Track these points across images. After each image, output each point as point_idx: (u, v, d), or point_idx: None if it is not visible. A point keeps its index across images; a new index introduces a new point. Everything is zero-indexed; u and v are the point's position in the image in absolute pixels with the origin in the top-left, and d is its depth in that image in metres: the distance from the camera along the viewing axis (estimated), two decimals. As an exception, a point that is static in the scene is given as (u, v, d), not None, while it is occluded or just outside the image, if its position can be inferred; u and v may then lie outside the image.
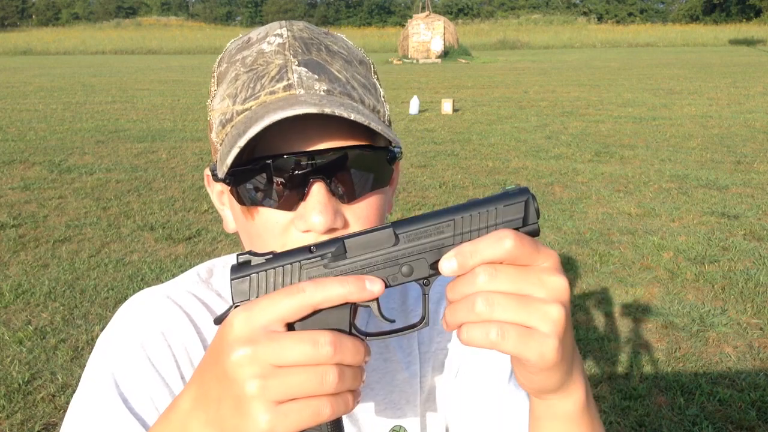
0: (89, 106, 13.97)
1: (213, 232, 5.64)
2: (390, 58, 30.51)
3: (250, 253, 0.61)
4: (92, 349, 0.86)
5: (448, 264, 0.58)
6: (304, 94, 0.73)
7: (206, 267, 0.94)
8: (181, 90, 17.41)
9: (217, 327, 0.86)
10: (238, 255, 0.61)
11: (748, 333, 3.79)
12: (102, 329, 0.86)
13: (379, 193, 0.80)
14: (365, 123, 0.71)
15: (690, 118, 11.44)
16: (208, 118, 0.82)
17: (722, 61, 26.03)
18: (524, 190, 0.62)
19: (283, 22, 0.82)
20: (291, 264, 0.60)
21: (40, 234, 5.63)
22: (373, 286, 0.58)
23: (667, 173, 7.55)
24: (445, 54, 30.21)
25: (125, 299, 0.91)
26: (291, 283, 0.59)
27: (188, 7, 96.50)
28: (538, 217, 0.62)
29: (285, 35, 0.78)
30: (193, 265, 0.95)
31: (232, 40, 0.85)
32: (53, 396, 3.20)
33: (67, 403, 3.11)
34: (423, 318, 0.63)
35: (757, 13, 62.75)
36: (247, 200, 0.76)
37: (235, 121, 0.75)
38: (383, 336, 0.64)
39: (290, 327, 0.57)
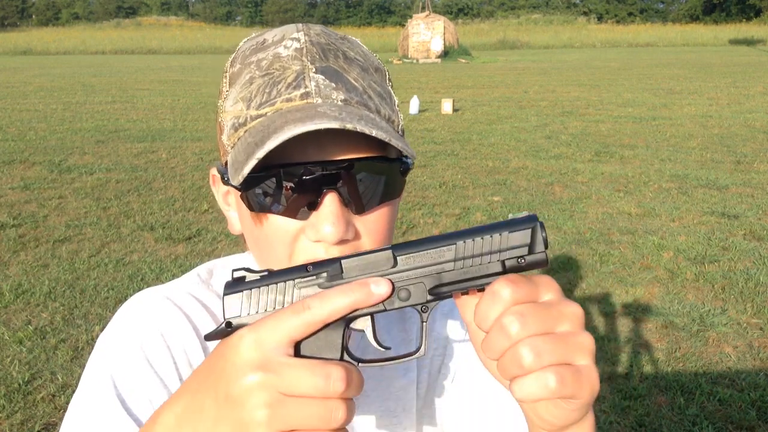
0: (89, 106, 13.97)
1: (213, 232, 5.64)
2: (390, 58, 30.49)
3: (245, 269, 0.60)
4: (92, 349, 0.86)
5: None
6: (321, 104, 0.72)
7: (206, 268, 0.93)
8: (181, 90, 17.41)
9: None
10: (233, 270, 0.60)
11: (748, 333, 3.79)
12: (102, 329, 0.86)
13: (391, 204, 0.79)
14: (386, 139, 0.69)
15: (690, 118, 11.44)
16: (219, 120, 0.81)
17: (722, 61, 26.02)
18: (532, 217, 0.58)
19: (300, 25, 0.81)
20: (285, 282, 0.58)
21: (40, 234, 5.63)
22: (379, 288, 0.55)
23: (667, 173, 7.54)
24: (445, 54, 30.21)
25: (125, 299, 0.91)
26: (284, 302, 0.57)
27: (188, 7, 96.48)
28: (546, 247, 0.58)
29: (302, 40, 0.77)
30: (194, 265, 0.95)
31: (245, 40, 0.83)
32: (53, 396, 3.20)
33: (68, 403, 3.11)
34: (419, 347, 0.61)
35: (757, 13, 62.74)
36: (258, 207, 0.75)
37: (248, 126, 0.74)
38: (376, 363, 0.62)
39: (296, 347, 0.56)
